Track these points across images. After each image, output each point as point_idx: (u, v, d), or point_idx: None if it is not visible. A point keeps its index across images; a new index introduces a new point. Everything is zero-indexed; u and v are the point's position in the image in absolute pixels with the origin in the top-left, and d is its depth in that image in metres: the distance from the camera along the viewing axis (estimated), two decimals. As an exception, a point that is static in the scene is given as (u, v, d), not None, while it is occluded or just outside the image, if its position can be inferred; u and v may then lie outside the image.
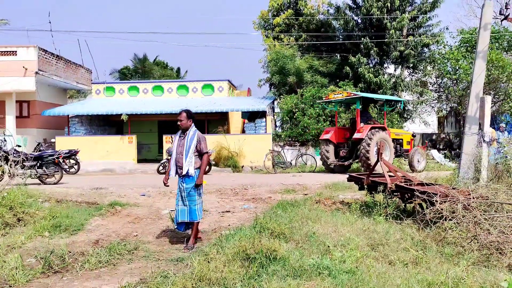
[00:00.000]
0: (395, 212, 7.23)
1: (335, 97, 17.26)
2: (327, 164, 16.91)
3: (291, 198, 10.01)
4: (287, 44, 26.38)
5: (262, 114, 21.56)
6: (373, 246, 5.80)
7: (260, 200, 10.59)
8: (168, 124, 24.07)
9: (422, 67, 25.67)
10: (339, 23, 26.53)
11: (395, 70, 25.56)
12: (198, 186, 6.36)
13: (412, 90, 25.00)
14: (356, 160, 16.49)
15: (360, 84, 23.89)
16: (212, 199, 10.80)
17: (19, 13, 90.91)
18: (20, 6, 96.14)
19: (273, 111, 24.67)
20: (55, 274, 5.18)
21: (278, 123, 24.58)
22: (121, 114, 20.76)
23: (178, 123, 6.50)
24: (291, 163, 19.85)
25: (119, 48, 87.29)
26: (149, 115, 22.06)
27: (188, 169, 6.28)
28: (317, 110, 21.46)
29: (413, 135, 18.81)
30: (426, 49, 25.46)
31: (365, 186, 8.58)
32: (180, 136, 6.57)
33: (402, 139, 17.92)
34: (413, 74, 26.22)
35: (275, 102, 25.44)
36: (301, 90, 23.07)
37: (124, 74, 40.56)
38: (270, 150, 19.72)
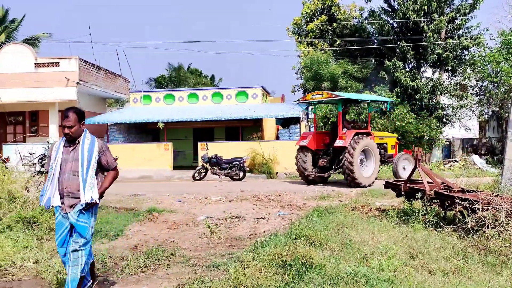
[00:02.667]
0: (434, 220, 7.05)
1: (313, 98, 15.17)
2: (304, 175, 14.87)
3: (326, 204, 9.93)
4: (321, 50, 26.29)
5: (296, 120, 21.51)
6: (412, 255, 5.67)
7: (295, 206, 10.55)
8: (203, 131, 24.41)
9: (461, 70, 25.01)
10: (374, 27, 26.24)
11: (433, 74, 25.01)
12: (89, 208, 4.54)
13: (451, 94, 24.38)
14: (338, 171, 14.49)
15: (396, 89, 23.51)
16: (247, 206, 10.85)
17: (62, 25, 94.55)
18: (62, 19, 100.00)
19: (307, 117, 24.56)
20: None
21: (312, 129, 24.45)
22: (157, 122, 21.19)
23: (66, 130, 4.44)
24: (326, 170, 19.67)
25: (155, 58, 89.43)
26: (185, 122, 22.42)
27: (91, 196, 4.45)
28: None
29: (399, 138, 17.19)
30: (465, 52, 24.80)
31: (403, 193, 8.41)
32: (66, 147, 4.53)
33: (386, 143, 15.89)
34: (452, 77, 25.58)
35: (309, 108, 25.34)
36: (336, 96, 22.89)
37: (160, 83, 41.42)
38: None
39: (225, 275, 5.02)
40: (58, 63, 21.64)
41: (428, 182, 8.03)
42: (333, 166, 14.45)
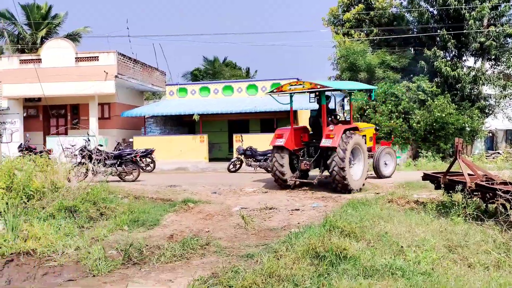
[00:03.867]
0: (475, 213, 6.83)
1: (291, 89, 12.36)
2: (282, 180, 12.01)
3: (362, 197, 9.80)
4: (358, 40, 25.81)
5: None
6: (450, 248, 5.52)
7: (330, 198, 10.46)
8: (238, 123, 24.49)
9: (505, 59, 23.98)
10: (413, 15, 25.51)
11: (475, 63, 24.12)
12: None
13: (494, 84, 23.42)
14: (323, 176, 12.08)
15: (436, 79, 22.83)
16: (281, 197, 10.84)
17: (101, 20, 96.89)
18: (101, 14, 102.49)
19: (343, 108, 24.24)
20: (134, 265, 5.46)
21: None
22: (193, 114, 21.43)
23: None
24: (362, 162, 19.43)
25: (191, 51, 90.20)
26: (220, 114, 22.57)
27: None
28: (389, 107, 20.79)
29: (376, 129, 14.73)
30: (509, 40, 23.78)
31: (442, 185, 8.18)
32: None
33: (365, 136, 13.30)
34: (495, 66, 24.57)
35: (345, 99, 25.02)
36: (373, 87, 22.46)
37: (195, 76, 41.84)
38: (340, 148, 19.43)
39: (259, 265, 5.04)
40: (98, 57, 22.18)
41: (469, 174, 7.78)
42: (320, 169, 12.16)
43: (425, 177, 9.01)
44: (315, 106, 18.89)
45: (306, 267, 4.71)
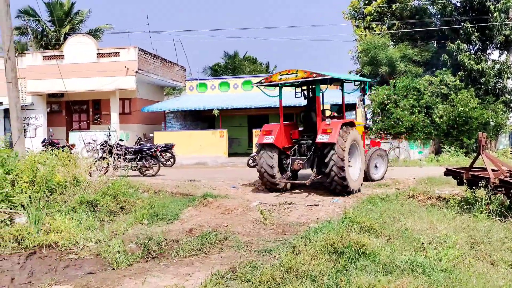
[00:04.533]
0: (498, 209, 6.68)
1: (282, 79, 10.98)
2: (271, 182, 10.79)
3: (382, 192, 9.69)
4: (379, 34, 25.44)
5: (351, 107, 21.05)
6: (473, 245, 5.41)
7: (350, 194, 10.36)
8: (257, 118, 24.47)
9: (531, 52, 23.30)
10: (435, 8, 24.97)
11: (499, 56, 23.48)
12: None
13: (519, 77, 22.80)
14: (317, 176, 10.66)
15: (459, 73, 22.34)
16: (300, 192, 10.80)
17: (122, 16, 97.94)
18: (122, 9, 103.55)
19: (364, 103, 23.97)
20: (152, 259, 5.50)
21: (369, 116, 23.85)
22: (212, 109, 21.52)
23: None
24: (382, 157, 19.23)
25: (210, 46, 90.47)
26: (239, 109, 22.61)
27: None
28: (411, 101, 20.46)
29: (366, 127, 13.13)
30: (536, 32, 23.06)
31: (465, 181, 8.02)
32: None
33: None
34: (521, 59, 23.90)
35: (364, 95, 24.73)
36: (394, 81, 22.13)
37: (215, 71, 41.94)
38: (360, 143, 19.27)
39: (277, 260, 5.03)
40: (118, 53, 22.42)
41: (493, 170, 7.60)
42: (314, 170, 10.85)
43: (448, 172, 8.85)
44: (338, 101, 17.30)
45: (324, 263, 4.67)
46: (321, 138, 10.17)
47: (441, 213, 7.03)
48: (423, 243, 5.33)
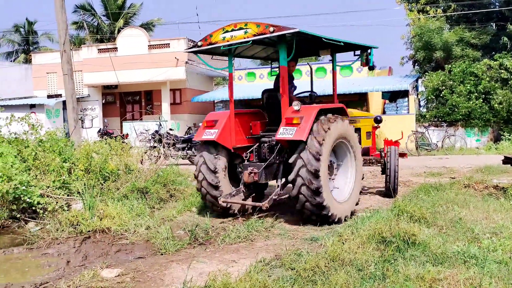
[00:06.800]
0: None
1: (226, 39, 6.83)
2: (213, 197, 6.93)
3: (436, 181, 9.34)
4: (434, 17, 24.36)
5: (404, 94, 20.39)
6: (532, 236, 5.09)
7: (401, 183, 10.05)
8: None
9: None
10: (495, -12, 23.61)
11: None
12: None
13: None
14: (283, 192, 6.89)
15: (521, 56, 21.02)
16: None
17: (172, 8, 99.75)
18: (171, 1, 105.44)
19: (417, 90, 23.14)
20: (199, 245, 5.60)
21: (422, 103, 23.00)
22: (261, 98, 21.53)
23: None
24: (436, 145, 18.59)
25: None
26: (288, 98, 22.47)
27: None
28: (468, 87, 19.51)
29: (377, 120, 8.95)
30: None
31: (525, 169, 7.52)
32: None
33: (360, 128, 8.51)
34: None
35: (419, 80, 23.83)
36: (449, 66, 21.16)
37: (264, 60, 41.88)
38: (413, 131, 18.68)
39: (323, 248, 4.97)
40: (169, 44, 22.89)
41: (557, 158, 7.11)
42: (277, 182, 6.85)
43: (506, 160, 8.38)
44: (390, 88, 15.57)
45: (371, 252, 4.56)
46: (282, 133, 6.36)
47: (498, 203, 6.69)
48: (477, 234, 5.09)
